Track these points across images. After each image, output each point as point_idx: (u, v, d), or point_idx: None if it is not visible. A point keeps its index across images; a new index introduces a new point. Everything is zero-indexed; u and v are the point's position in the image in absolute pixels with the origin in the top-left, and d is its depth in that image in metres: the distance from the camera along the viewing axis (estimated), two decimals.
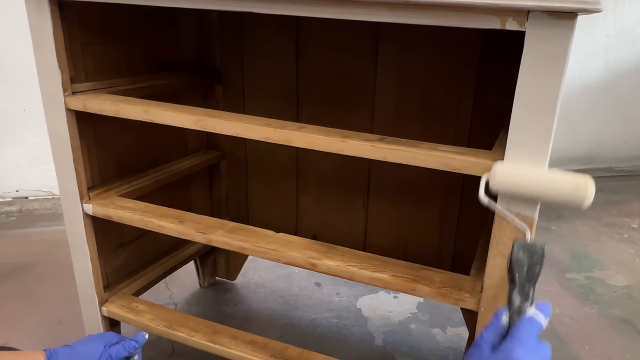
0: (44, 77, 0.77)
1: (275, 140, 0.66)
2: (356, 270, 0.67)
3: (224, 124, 0.69)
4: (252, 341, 0.85)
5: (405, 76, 0.98)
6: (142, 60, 0.97)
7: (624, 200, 2.17)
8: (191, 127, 0.71)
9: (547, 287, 1.47)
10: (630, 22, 2.37)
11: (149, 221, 0.80)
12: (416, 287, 0.64)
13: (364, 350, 1.17)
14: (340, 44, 1.01)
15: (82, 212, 0.85)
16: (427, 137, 0.69)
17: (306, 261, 0.70)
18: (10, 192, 1.99)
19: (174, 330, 0.88)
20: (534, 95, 0.54)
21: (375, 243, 1.14)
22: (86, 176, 0.85)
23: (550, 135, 0.55)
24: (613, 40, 2.39)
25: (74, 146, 0.80)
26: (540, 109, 0.54)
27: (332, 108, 1.06)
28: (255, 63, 1.11)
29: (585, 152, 2.57)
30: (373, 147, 0.61)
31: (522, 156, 0.55)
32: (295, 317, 1.28)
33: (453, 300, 0.62)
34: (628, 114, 2.54)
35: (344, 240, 1.15)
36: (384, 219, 1.11)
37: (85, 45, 0.81)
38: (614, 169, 2.60)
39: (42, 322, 1.20)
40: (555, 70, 0.52)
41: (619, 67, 2.44)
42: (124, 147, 0.96)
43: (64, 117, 0.78)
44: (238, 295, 1.37)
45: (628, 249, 1.72)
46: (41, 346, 1.07)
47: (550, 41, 0.51)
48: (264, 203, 1.24)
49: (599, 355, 1.18)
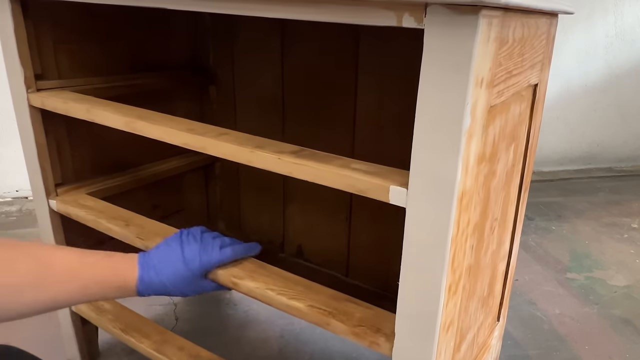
0: (10, 73, 0.77)
1: (194, 147, 0.63)
2: (273, 295, 0.63)
3: (150, 127, 0.66)
4: (197, 355, 0.84)
5: (386, 80, 0.95)
6: (127, 60, 0.96)
7: (624, 200, 2.17)
8: (123, 128, 0.69)
9: (547, 287, 1.47)
10: (630, 22, 2.37)
11: (99, 222, 0.79)
12: (330, 321, 0.59)
13: (363, 350, 1.17)
14: (325, 44, 1.00)
15: (48, 208, 0.84)
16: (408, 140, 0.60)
17: (228, 280, 0.66)
18: (10, 192, 1.99)
19: (127, 334, 0.88)
20: (435, 111, 0.45)
21: (359, 257, 1.11)
22: (55, 173, 0.84)
23: (456, 162, 0.45)
24: (613, 40, 2.39)
25: (39, 143, 0.80)
26: (442, 129, 0.45)
27: (316, 111, 1.05)
28: (244, 63, 1.10)
29: (585, 152, 2.57)
30: (280, 161, 0.56)
31: (424, 184, 0.47)
32: (294, 319, 1.28)
33: (367, 342, 0.56)
34: (628, 113, 2.54)
35: (328, 252, 1.14)
36: (366, 234, 1.07)
37: (59, 43, 0.81)
38: (614, 169, 2.60)
39: (42, 322, 1.20)
40: (458, 79, 0.43)
41: (619, 67, 2.44)
42: (106, 144, 0.94)
43: (27, 113, 0.78)
44: (238, 295, 1.36)
45: (628, 249, 1.72)
46: (41, 346, 1.07)
47: (451, 43, 0.42)
48: (255, 209, 1.23)
49: (599, 355, 1.18)
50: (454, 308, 0.55)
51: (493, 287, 0.80)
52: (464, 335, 0.67)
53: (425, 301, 0.51)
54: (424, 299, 0.51)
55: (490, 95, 0.50)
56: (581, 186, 2.35)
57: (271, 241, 1.22)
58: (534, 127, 0.76)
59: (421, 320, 0.51)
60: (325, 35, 0.99)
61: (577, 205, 2.10)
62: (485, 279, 0.73)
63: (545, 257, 1.65)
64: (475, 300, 0.70)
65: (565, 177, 2.46)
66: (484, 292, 0.74)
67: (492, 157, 0.59)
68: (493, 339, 0.87)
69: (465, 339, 0.69)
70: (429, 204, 0.48)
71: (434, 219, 0.48)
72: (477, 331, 0.77)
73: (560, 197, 2.18)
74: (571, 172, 2.53)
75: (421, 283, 0.50)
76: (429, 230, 0.48)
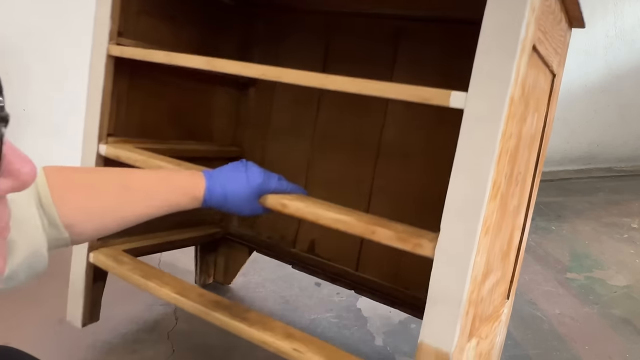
0: (98, 24, 0.89)
1: (270, 77, 0.72)
2: (322, 211, 0.69)
3: (227, 64, 0.75)
4: (217, 302, 0.86)
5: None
6: (193, 46, 1.07)
7: (624, 200, 2.17)
8: (203, 67, 0.78)
9: (547, 287, 1.47)
10: (630, 22, 2.37)
11: (151, 162, 0.86)
12: (376, 230, 0.65)
13: (364, 350, 1.17)
14: (361, 57, 1.09)
15: (96, 153, 0.91)
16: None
17: (278, 202, 0.72)
18: None
19: (148, 279, 0.90)
20: (499, 20, 0.54)
21: (371, 250, 1.14)
22: (110, 123, 0.92)
23: (511, 66, 0.54)
24: (613, 40, 2.39)
25: (106, 89, 0.90)
26: (505, 35, 0.54)
27: (349, 112, 1.13)
28: (287, 66, 1.20)
29: (586, 152, 2.58)
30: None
31: (483, 88, 0.56)
32: (296, 317, 1.28)
33: (411, 246, 0.63)
34: (628, 114, 2.55)
35: (341, 246, 1.16)
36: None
37: (141, 13, 0.95)
38: (614, 169, 2.60)
39: (42, 322, 1.20)
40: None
41: (619, 67, 2.44)
42: (153, 112, 1.03)
43: (104, 61, 0.88)
44: (238, 296, 1.37)
45: (628, 249, 1.72)
46: (41, 346, 1.07)
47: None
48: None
49: (599, 355, 1.18)
50: (491, 215, 0.60)
51: (509, 251, 0.83)
52: (489, 269, 0.70)
53: (472, 199, 0.57)
54: (472, 195, 0.57)
55: (535, 32, 0.58)
56: (581, 186, 2.35)
57: (283, 237, 1.24)
58: (550, 114, 0.84)
59: (466, 217, 0.57)
60: (364, 58, 1.08)
61: (577, 205, 2.10)
62: (506, 233, 0.76)
63: (545, 257, 1.65)
64: (499, 244, 0.73)
65: (565, 177, 2.46)
66: (503, 246, 0.77)
67: (526, 104, 0.66)
68: (503, 314, 0.89)
69: (490, 274, 0.71)
70: (486, 102, 0.56)
71: (490, 113, 0.56)
72: (495, 285, 0.79)
73: (560, 197, 2.19)
74: (571, 172, 2.53)
75: (470, 181, 0.57)
76: (484, 128, 0.56)
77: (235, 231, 1.29)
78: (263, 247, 1.25)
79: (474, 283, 0.60)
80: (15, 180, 0.28)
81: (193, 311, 0.84)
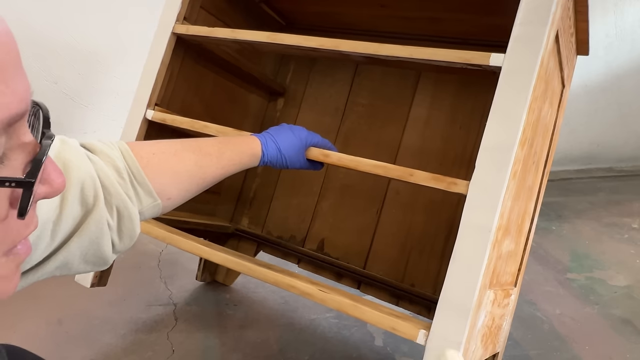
0: (167, 7, 0.99)
1: (328, 47, 0.82)
2: (361, 159, 0.76)
3: (287, 37, 0.86)
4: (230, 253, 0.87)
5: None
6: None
7: (624, 200, 2.17)
8: (266, 40, 0.88)
9: (547, 287, 1.47)
10: (630, 22, 2.37)
11: (195, 123, 0.93)
12: (414, 172, 0.72)
13: (364, 350, 1.17)
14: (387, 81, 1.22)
15: (143, 117, 0.98)
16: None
17: (320, 154, 0.81)
18: None
19: (172, 233, 0.91)
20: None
21: (380, 250, 1.16)
22: (160, 93, 1.00)
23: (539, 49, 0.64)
24: (613, 40, 2.39)
25: (164, 62, 0.99)
26: (535, 14, 0.66)
27: (369, 127, 1.23)
28: (316, 86, 1.33)
29: (586, 152, 2.57)
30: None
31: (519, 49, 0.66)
32: (295, 317, 1.28)
33: (445, 184, 0.69)
34: (628, 113, 2.54)
35: (350, 245, 1.19)
36: (393, 228, 1.15)
37: (202, 7, 1.06)
38: (614, 169, 2.60)
39: (42, 322, 1.20)
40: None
41: (619, 67, 2.44)
42: (193, 97, 1.12)
43: (167, 37, 0.98)
44: (238, 296, 1.37)
45: (628, 249, 1.72)
46: (41, 346, 1.07)
47: None
48: (285, 201, 1.29)
49: (600, 355, 1.18)
50: (518, 162, 0.67)
51: (521, 231, 0.85)
52: (509, 228, 0.74)
53: (505, 142, 0.65)
54: (505, 138, 0.65)
55: (559, 20, 0.67)
56: (581, 186, 2.34)
57: (293, 236, 1.26)
58: (558, 120, 0.92)
59: (499, 157, 0.65)
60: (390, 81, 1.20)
61: (578, 205, 2.10)
62: (521, 207, 0.80)
63: (545, 257, 1.65)
64: (516, 210, 0.77)
65: (566, 177, 2.46)
66: (518, 220, 0.81)
67: (545, 88, 0.72)
68: (511, 300, 0.90)
69: (508, 236, 0.75)
70: (522, 59, 0.66)
71: (524, 69, 0.65)
72: (509, 257, 0.81)
73: (560, 197, 2.18)
74: (571, 172, 2.53)
75: (504, 127, 0.65)
76: (519, 80, 0.65)
77: (245, 229, 1.30)
78: (270, 246, 1.26)
79: (501, 220, 0.65)
80: (50, 187, 0.32)
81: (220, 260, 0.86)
